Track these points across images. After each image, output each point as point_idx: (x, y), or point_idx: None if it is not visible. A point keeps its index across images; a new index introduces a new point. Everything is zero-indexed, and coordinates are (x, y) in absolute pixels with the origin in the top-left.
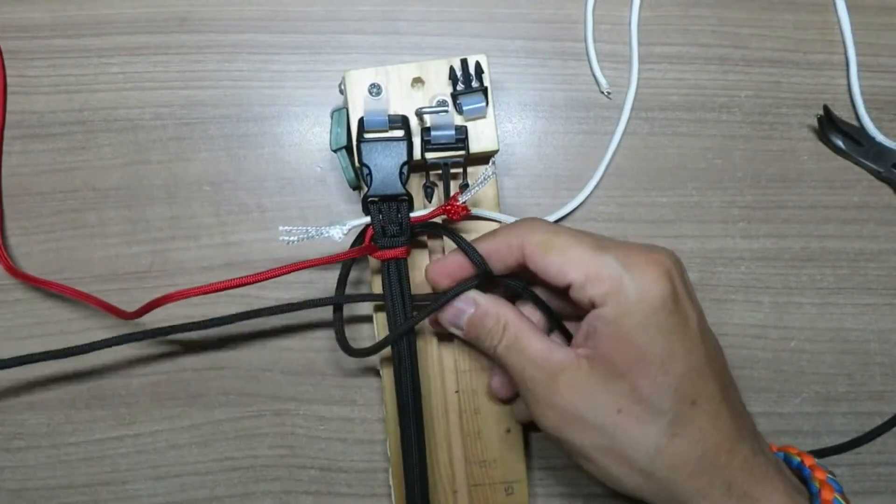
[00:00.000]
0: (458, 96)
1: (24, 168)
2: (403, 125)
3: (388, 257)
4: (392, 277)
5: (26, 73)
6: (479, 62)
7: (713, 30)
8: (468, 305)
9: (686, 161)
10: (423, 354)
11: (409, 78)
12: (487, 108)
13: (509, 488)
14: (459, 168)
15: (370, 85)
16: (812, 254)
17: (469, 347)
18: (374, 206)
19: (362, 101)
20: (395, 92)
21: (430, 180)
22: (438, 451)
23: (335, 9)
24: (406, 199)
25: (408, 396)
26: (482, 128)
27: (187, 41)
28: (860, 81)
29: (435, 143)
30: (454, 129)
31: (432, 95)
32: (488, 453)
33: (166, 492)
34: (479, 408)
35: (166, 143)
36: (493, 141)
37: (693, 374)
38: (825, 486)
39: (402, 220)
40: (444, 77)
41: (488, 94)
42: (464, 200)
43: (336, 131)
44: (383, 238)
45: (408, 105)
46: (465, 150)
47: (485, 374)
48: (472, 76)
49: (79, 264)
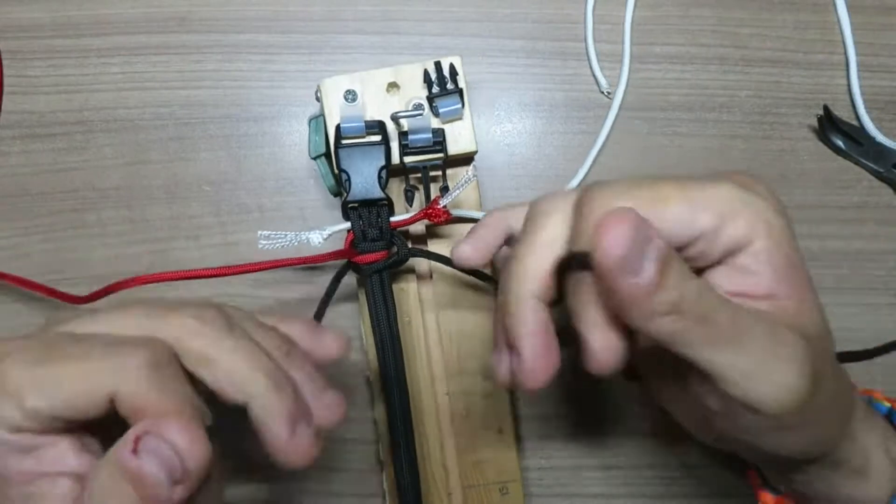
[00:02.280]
0: (434, 99)
1: (24, 168)
2: (380, 130)
3: (368, 261)
4: (375, 287)
5: (26, 73)
6: (454, 64)
7: (713, 30)
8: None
9: (686, 161)
10: (411, 358)
11: (384, 83)
12: (463, 110)
13: (504, 488)
14: (439, 171)
15: (345, 91)
16: (812, 254)
17: (458, 350)
18: (354, 211)
19: (338, 107)
20: (371, 97)
21: (411, 184)
22: (431, 453)
23: (335, 9)
24: (386, 204)
25: (395, 400)
26: (459, 129)
27: (187, 41)
28: (860, 81)
29: (413, 146)
30: (431, 132)
31: (408, 99)
32: (481, 454)
33: None
34: (470, 409)
35: (166, 143)
36: (471, 142)
37: None
38: None
39: (381, 224)
40: (419, 81)
41: (464, 96)
42: (444, 204)
43: (314, 139)
44: (363, 242)
45: (384, 110)
46: (444, 152)
47: (476, 374)
48: (446, 78)
49: (79, 264)
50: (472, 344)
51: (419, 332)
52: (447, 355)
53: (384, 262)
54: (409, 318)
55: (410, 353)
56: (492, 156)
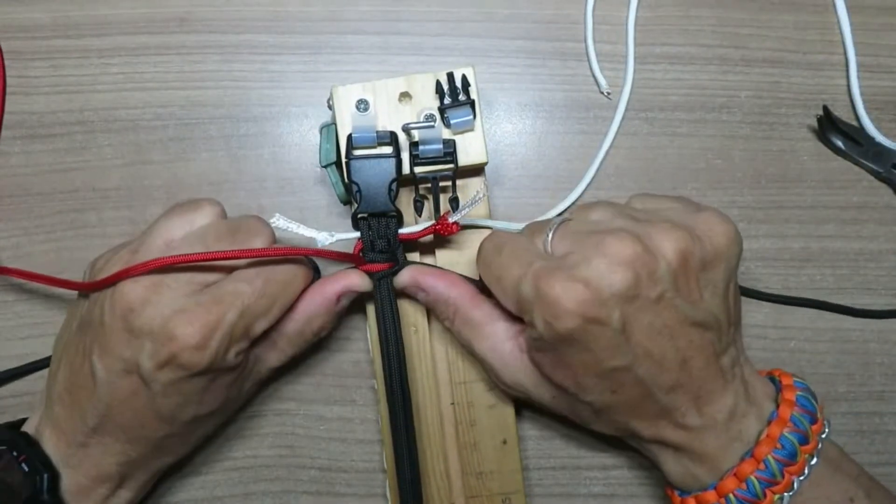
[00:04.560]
0: (446, 110)
1: (24, 168)
2: (392, 142)
3: (374, 271)
4: (383, 294)
5: (27, 74)
6: (466, 75)
7: (713, 30)
8: (419, 291)
9: (686, 161)
10: (417, 367)
11: (396, 92)
12: (475, 121)
13: (507, 499)
14: (449, 181)
15: (357, 101)
16: (812, 254)
17: (464, 360)
18: (364, 221)
19: (350, 116)
20: (383, 107)
21: (420, 194)
22: (434, 463)
23: (335, 9)
24: (395, 216)
25: (398, 412)
26: (470, 140)
27: (187, 41)
28: (860, 81)
29: (423, 157)
30: (442, 142)
31: (420, 109)
32: (485, 465)
33: (167, 491)
34: (475, 420)
35: (166, 144)
36: (482, 153)
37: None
38: (789, 388)
39: (390, 235)
40: (431, 91)
41: (476, 107)
42: (454, 220)
43: (325, 147)
44: (371, 253)
45: (395, 119)
46: (454, 163)
47: (481, 385)
48: (458, 89)
49: (79, 264)
50: None
51: (425, 342)
52: (453, 365)
53: (389, 270)
54: (415, 328)
55: (416, 363)
56: (491, 156)
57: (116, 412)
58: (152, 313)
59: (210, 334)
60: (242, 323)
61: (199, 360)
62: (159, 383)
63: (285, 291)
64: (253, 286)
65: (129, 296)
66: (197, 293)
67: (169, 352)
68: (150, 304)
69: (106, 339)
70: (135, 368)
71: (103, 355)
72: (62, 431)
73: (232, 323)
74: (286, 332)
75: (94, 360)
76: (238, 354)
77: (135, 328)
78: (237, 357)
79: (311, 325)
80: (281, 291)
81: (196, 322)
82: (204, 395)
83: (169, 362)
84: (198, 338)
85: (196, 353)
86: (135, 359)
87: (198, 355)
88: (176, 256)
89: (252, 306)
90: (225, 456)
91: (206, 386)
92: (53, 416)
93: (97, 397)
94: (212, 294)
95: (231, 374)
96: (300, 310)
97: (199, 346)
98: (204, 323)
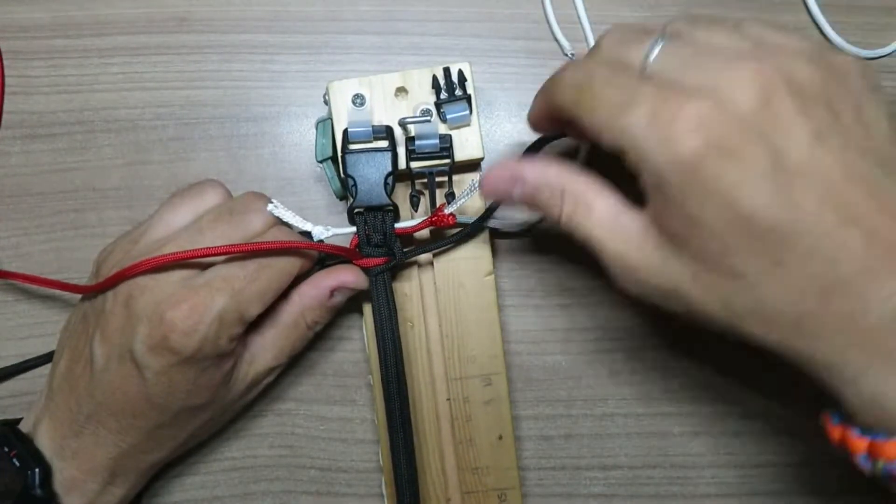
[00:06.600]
0: (442, 105)
1: (24, 168)
2: (388, 136)
3: (369, 265)
4: (379, 288)
5: (26, 73)
6: (462, 70)
7: None
8: (516, 183)
9: None
10: (413, 363)
11: (392, 87)
12: (471, 116)
13: (502, 495)
14: (445, 176)
15: (353, 95)
16: None
17: (460, 356)
18: (360, 216)
19: (346, 111)
20: (379, 102)
21: (416, 189)
22: (430, 458)
23: (335, 9)
24: (391, 210)
25: (395, 407)
26: (467, 135)
27: (187, 41)
28: None
29: (419, 152)
30: (438, 137)
31: (416, 104)
32: (481, 460)
33: (166, 492)
34: (471, 415)
35: (166, 144)
36: (478, 148)
37: None
38: None
39: (386, 230)
40: (427, 86)
41: (472, 102)
42: (450, 211)
43: (321, 142)
44: (367, 247)
45: (392, 114)
46: (450, 158)
47: (477, 381)
48: (455, 84)
49: (79, 264)
50: (474, 350)
51: (421, 337)
52: (449, 361)
53: (385, 265)
54: (412, 324)
55: (412, 358)
56: (491, 155)
57: (111, 399)
58: (149, 298)
59: (199, 318)
60: (234, 306)
61: (188, 342)
62: (151, 370)
63: (279, 276)
64: (246, 270)
65: (130, 283)
66: (193, 277)
67: (160, 334)
68: (147, 289)
69: (107, 325)
70: (129, 354)
71: (103, 342)
72: (59, 421)
73: (222, 307)
74: (280, 323)
75: (94, 346)
76: (231, 340)
77: (133, 314)
78: (230, 343)
79: (305, 317)
80: (275, 276)
81: (184, 305)
82: (195, 384)
83: (159, 345)
84: (187, 321)
85: (185, 337)
86: (129, 344)
87: (186, 338)
88: (167, 255)
89: (244, 290)
90: (225, 456)
91: (198, 374)
92: (52, 406)
93: (94, 383)
94: (205, 278)
95: (224, 362)
96: (294, 301)
97: (189, 330)
98: (192, 306)
